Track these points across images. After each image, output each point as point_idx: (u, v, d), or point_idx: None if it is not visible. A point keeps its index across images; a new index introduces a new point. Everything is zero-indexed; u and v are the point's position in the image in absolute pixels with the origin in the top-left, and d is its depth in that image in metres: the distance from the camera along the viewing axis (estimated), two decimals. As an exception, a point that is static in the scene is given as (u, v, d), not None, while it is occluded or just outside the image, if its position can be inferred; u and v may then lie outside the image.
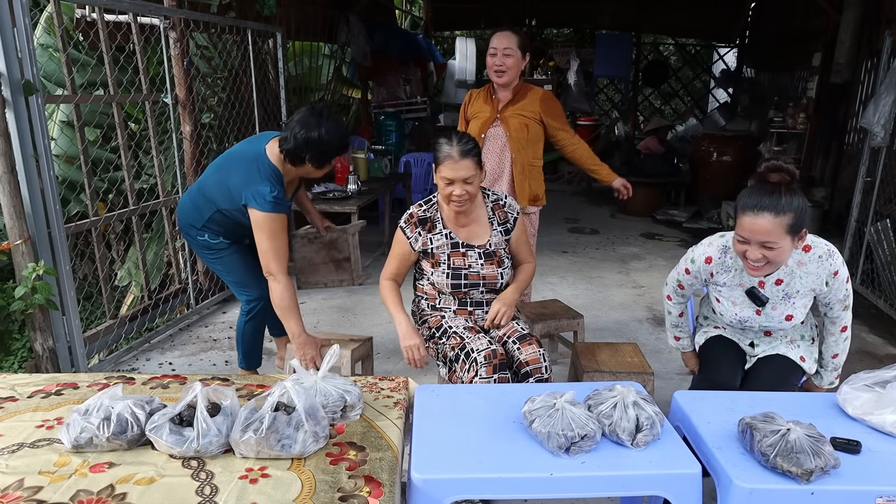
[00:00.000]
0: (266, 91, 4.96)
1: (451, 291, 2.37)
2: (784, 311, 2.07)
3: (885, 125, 4.34)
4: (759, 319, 2.10)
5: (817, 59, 6.43)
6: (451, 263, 2.35)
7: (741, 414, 1.66)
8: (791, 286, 2.04)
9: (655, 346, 3.66)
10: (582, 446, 1.55)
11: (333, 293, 4.53)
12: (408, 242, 2.39)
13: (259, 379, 2.02)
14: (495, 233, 2.40)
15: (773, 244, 1.84)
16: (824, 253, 2.00)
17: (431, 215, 2.39)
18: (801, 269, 2.01)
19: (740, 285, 2.09)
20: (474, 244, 2.38)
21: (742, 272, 2.05)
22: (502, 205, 2.44)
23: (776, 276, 2.03)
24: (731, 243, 2.03)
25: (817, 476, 1.45)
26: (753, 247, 1.87)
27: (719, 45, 10.88)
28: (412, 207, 2.43)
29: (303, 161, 2.55)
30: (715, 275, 2.12)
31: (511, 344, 2.32)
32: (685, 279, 2.22)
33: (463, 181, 2.22)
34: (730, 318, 2.15)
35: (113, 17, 3.48)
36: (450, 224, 2.38)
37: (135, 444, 1.59)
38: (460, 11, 10.45)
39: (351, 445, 1.61)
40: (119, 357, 3.43)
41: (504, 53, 3.00)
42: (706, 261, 2.11)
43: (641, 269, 5.24)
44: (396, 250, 2.44)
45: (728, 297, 2.12)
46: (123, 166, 3.53)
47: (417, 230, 2.38)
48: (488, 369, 2.13)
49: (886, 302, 4.22)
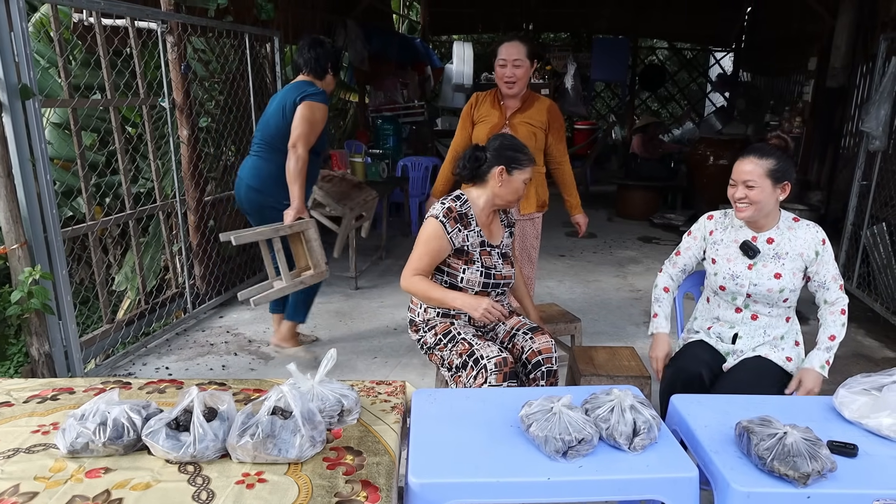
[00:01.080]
0: (264, 95, 4.96)
1: (478, 290, 2.35)
2: (773, 269, 2.19)
3: (883, 130, 4.36)
4: (750, 276, 2.21)
5: (813, 63, 6.47)
6: (483, 262, 2.35)
7: (738, 417, 1.66)
8: (781, 246, 2.20)
9: (653, 350, 3.66)
10: (579, 450, 1.54)
11: (330, 297, 4.53)
12: (447, 237, 2.28)
13: (256, 383, 2.01)
14: (505, 234, 2.50)
15: (753, 183, 2.11)
16: (812, 224, 2.24)
17: (466, 211, 2.36)
18: (791, 233, 2.21)
19: (735, 241, 2.26)
20: (494, 244, 2.42)
21: (738, 229, 2.27)
22: (506, 210, 2.55)
23: (768, 234, 2.22)
24: (730, 211, 2.29)
25: (814, 479, 1.46)
26: (739, 187, 2.15)
27: (716, 49, 10.93)
28: (446, 201, 2.34)
29: (325, 72, 3.23)
30: (714, 231, 2.33)
31: (522, 335, 2.35)
32: (684, 243, 2.41)
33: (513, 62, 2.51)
34: (723, 274, 2.26)
35: (110, 21, 3.48)
36: (481, 223, 2.39)
37: (131, 449, 1.59)
38: (458, 16, 10.49)
39: (348, 450, 1.61)
40: (116, 362, 3.42)
41: (514, 64, 2.98)
42: (708, 218, 2.37)
43: (638, 272, 5.24)
44: (433, 245, 2.28)
45: (724, 254, 2.28)
46: (120, 170, 3.53)
47: (458, 226, 2.31)
48: (499, 377, 2.13)
49: (883, 305, 4.23)
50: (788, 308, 2.27)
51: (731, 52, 10.47)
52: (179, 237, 3.96)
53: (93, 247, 3.35)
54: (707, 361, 2.23)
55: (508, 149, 2.32)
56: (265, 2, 4.81)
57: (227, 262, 4.49)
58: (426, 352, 2.43)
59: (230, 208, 4.52)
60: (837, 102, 6.07)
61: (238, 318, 4.14)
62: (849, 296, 2.17)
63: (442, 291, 2.29)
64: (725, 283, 2.26)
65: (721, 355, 2.29)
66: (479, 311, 2.21)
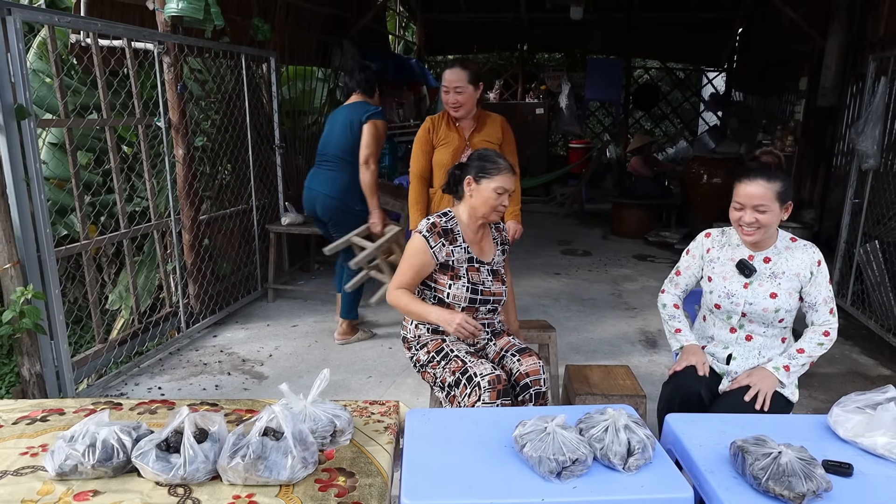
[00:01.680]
0: (260, 114, 4.99)
1: (465, 306, 2.34)
2: (769, 288, 2.19)
3: (877, 149, 4.40)
4: (746, 294, 2.21)
5: (804, 83, 6.54)
6: (470, 278, 2.35)
7: (733, 437, 1.66)
8: (778, 266, 2.20)
9: (648, 369, 3.65)
10: (573, 471, 1.53)
11: (325, 316, 4.51)
12: (431, 252, 2.32)
13: (248, 404, 2.00)
14: (497, 252, 2.50)
15: (765, 207, 2.09)
16: (808, 244, 2.23)
17: (452, 227, 2.39)
18: (788, 253, 2.21)
19: (731, 259, 2.26)
20: (484, 261, 2.42)
21: (735, 248, 2.27)
22: (501, 228, 2.58)
23: (765, 253, 2.22)
24: (724, 227, 2.32)
25: (809, 500, 1.45)
26: (748, 211, 2.12)
27: (708, 69, 11.05)
28: (431, 217, 2.40)
29: (374, 91, 3.82)
30: (711, 249, 2.33)
31: (510, 357, 2.33)
32: (683, 262, 2.40)
33: (509, 193, 2.34)
34: (718, 292, 2.25)
35: (107, 41, 3.51)
36: (468, 239, 2.40)
37: (120, 471, 1.57)
38: (453, 36, 10.60)
39: (340, 471, 1.59)
40: (108, 382, 3.39)
41: (456, 91, 3.05)
42: (706, 235, 2.37)
43: (634, 290, 5.25)
44: (416, 260, 2.33)
45: (720, 272, 2.27)
46: (115, 189, 3.53)
47: (441, 240, 2.34)
48: (492, 394, 2.12)
49: (877, 323, 4.23)
50: (784, 329, 2.25)
51: (724, 71, 10.59)
52: (174, 256, 3.95)
53: (86, 266, 3.34)
54: (706, 381, 2.21)
55: (477, 159, 2.37)
56: (261, 23, 4.87)
57: (221, 281, 4.48)
58: (419, 370, 2.42)
59: (224, 227, 4.52)
60: (828, 121, 6.12)
61: (232, 338, 4.12)
62: (843, 313, 2.17)
63: (420, 305, 2.32)
64: (721, 301, 2.25)
65: (717, 374, 2.28)
66: (452, 326, 2.23)
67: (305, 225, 4.74)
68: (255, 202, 4.82)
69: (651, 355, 3.88)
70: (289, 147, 5.64)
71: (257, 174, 4.87)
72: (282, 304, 4.79)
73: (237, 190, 4.70)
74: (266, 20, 4.97)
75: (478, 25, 10.30)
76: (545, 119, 9.74)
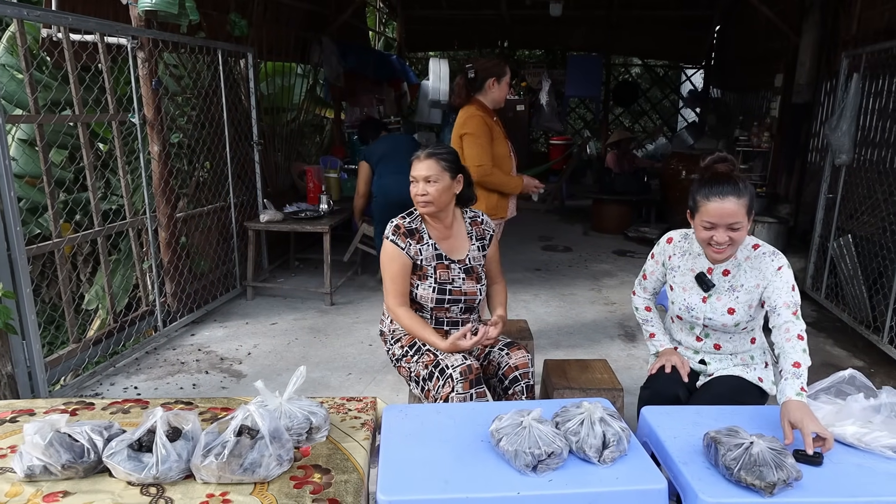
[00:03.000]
0: (238, 111, 4.94)
1: (433, 307, 2.34)
2: (727, 303, 2.12)
3: (849, 145, 4.47)
4: (705, 309, 2.16)
5: (779, 80, 6.62)
6: (438, 277, 2.34)
7: (707, 428, 1.68)
8: (737, 279, 2.12)
9: (627, 363, 3.68)
10: (549, 464, 1.54)
11: (305, 313, 4.49)
12: (403, 252, 2.31)
13: (224, 402, 1.98)
14: (473, 247, 2.44)
15: (738, 224, 1.98)
16: (770, 251, 2.11)
17: (417, 226, 2.37)
18: (748, 263, 2.12)
19: (691, 270, 2.20)
20: (455, 258, 2.38)
21: (696, 258, 2.19)
22: (479, 221, 2.50)
23: (724, 266, 2.14)
24: (691, 234, 2.21)
25: (780, 489, 1.47)
26: (720, 230, 2.00)
27: (687, 66, 11.16)
28: (395, 220, 2.39)
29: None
30: (672, 257, 2.25)
31: (497, 351, 2.33)
32: (648, 266, 2.35)
33: (423, 179, 2.28)
34: (679, 305, 2.22)
35: (79, 36, 3.44)
36: (434, 236, 2.38)
37: (91, 471, 1.55)
38: (434, 33, 10.58)
39: (316, 468, 1.59)
40: (82, 382, 3.34)
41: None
42: (668, 241, 2.28)
43: (613, 285, 5.29)
44: (395, 267, 2.31)
45: (680, 283, 2.22)
46: (89, 187, 3.48)
47: (408, 241, 2.33)
48: (464, 384, 2.11)
49: (850, 315, 4.31)
50: (750, 332, 2.22)
51: (702, 68, 10.69)
52: (150, 254, 3.90)
53: (59, 265, 3.29)
54: (681, 381, 2.19)
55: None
56: (239, 19, 4.81)
57: (199, 279, 4.43)
58: (395, 364, 2.42)
59: (202, 225, 4.47)
60: (803, 118, 6.21)
61: (210, 336, 4.08)
62: (817, 306, 2.16)
63: (419, 326, 2.28)
64: (682, 313, 2.22)
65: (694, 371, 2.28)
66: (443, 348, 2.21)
67: (284, 223, 4.70)
68: (233, 199, 4.77)
69: (630, 349, 3.91)
70: (268, 144, 5.59)
71: (235, 171, 4.82)
72: (261, 302, 4.75)
73: (215, 187, 4.65)
74: (243, 16, 4.91)
75: (459, 22, 10.29)
76: (526, 116, 9.76)
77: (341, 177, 5.75)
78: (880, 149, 4.46)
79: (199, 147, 4.47)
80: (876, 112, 4.54)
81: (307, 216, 4.81)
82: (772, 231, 5.18)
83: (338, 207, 5.13)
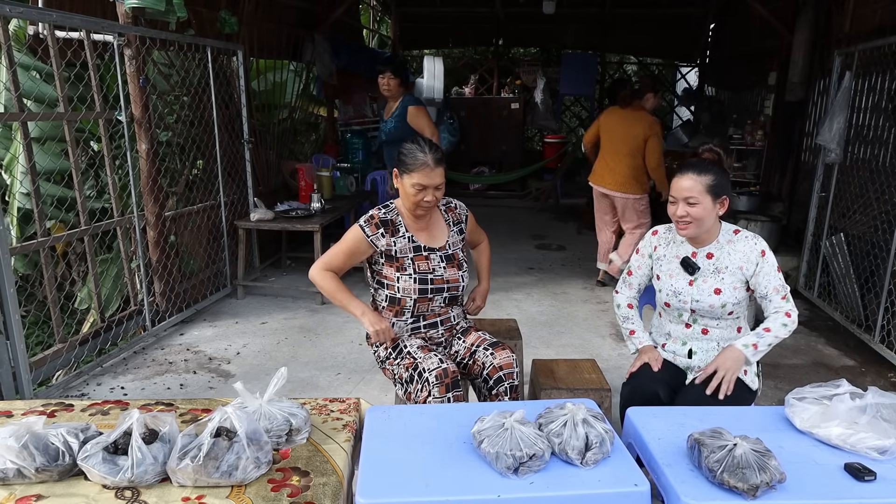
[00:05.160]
0: (229, 109, 4.90)
1: (417, 298, 2.30)
2: (713, 284, 2.20)
3: (838, 143, 4.46)
4: (692, 291, 2.22)
5: (773, 78, 6.61)
6: (417, 268, 2.31)
7: (692, 429, 1.66)
8: (721, 261, 2.21)
9: (617, 362, 3.67)
10: (531, 466, 1.52)
11: (296, 313, 4.46)
12: (366, 240, 2.29)
13: (205, 403, 1.95)
14: (452, 233, 2.43)
15: (694, 200, 2.11)
16: (750, 235, 2.22)
17: (392, 218, 2.35)
18: (730, 247, 2.22)
19: (676, 257, 2.28)
20: (435, 247, 2.36)
21: (680, 245, 2.29)
22: (454, 207, 2.51)
23: (707, 249, 2.23)
24: (670, 224, 2.31)
25: (763, 491, 1.45)
26: (680, 204, 2.14)
27: (681, 64, 11.14)
28: (371, 211, 2.37)
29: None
30: (658, 247, 2.34)
31: (482, 351, 2.31)
32: (634, 261, 2.41)
33: (434, 188, 2.24)
34: (667, 291, 2.28)
35: (64, 33, 3.41)
36: (411, 228, 2.35)
37: (66, 474, 1.52)
38: (428, 31, 10.54)
39: (295, 471, 1.56)
40: (68, 382, 3.31)
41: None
42: (653, 233, 2.38)
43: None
44: (347, 245, 2.31)
45: (666, 270, 2.30)
46: (75, 185, 3.45)
47: (379, 231, 2.31)
48: (440, 389, 2.10)
49: (842, 314, 4.30)
50: (736, 319, 2.27)
51: (696, 67, 10.68)
52: (138, 253, 3.87)
53: (44, 264, 3.25)
54: (664, 379, 2.20)
55: (403, 149, 2.29)
56: (229, 16, 4.78)
57: (188, 278, 4.40)
58: (381, 366, 2.40)
59: (192, 224, 4.44)
60: (797, 116, 6.21)
61: (199, 336, 4.05)
62: (809, 305, 2.18)
63: (345, 295, 2.29)
64: (669, 299, 2.28)
65: (679, 370, 2.28)
66: (371, 328, 2.24)
67: (275, 221, 4.68)
68: (223, 198, 4.74)
69: (620, 348, 3.89)
70: (259, 142, 5.56)
71: (225, 169, 4.79)
72: (251, 301, 4.73)
73: (204, 186, 4.62)
74: (234, 13, 4.88)
75: (453, 20, 10.24)
76: (520, 114, 9.74)
77: (333, 175, 5.72)
78: (872, 147, 4.45)
79: (187, 145, 4.44)
80: (868, 110, 4.53)
81: (298, 215, 4.78)
82: (765, 229, 5.17)
83: (329, 206, 5.10)
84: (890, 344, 3.70)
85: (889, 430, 1.66)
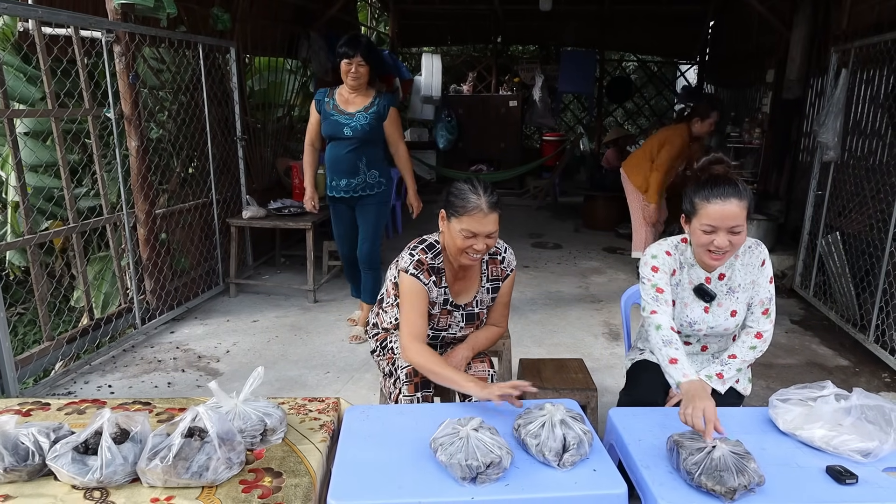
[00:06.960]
0: (224, 106, 4.88)
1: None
2: (729, 306, 2.06)
3: (836, 141, 4.42)
4: (707, 319, 2.06)
5: (771, 75, 6.56)
6: (437, 323, 2.15)
7: (674, 431, 1.64)
8: (733, 279, 2.06)
9: (609, 362, 3.64)
10: (489, 475, 1.47)
11: (288, 311, 4.44)
12: (424, 288, 2.05)
13: (183, 402, 1.94)
14: (482, 290, 2.19)
15: (739, 228, 1.89)
16: (753, 243, 2.07)
17: (439, 266, 2.10)
18: (738, 261, 2.06)
19: (690, 283, 2.08)
20: (461, 303, 2.17)
21: (691, 268, 2.07)
22: (499, 260, 2.20)
23: (720, 270, 2.06)
24: (676, 243, 2.09)
25: (741, 494, 1.43)
26: (721, 234, 1.89)
27: (680, 61, 11.09)
28: (416, 253, 2.08)
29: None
30: (676, 271, 2.08)
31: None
32: (660, 279, 2.03)
33: (486, 236, 1.99)
34: (681, 321, 2.08)
35: (51, 30, 3.38)
36: (448, 278, 2.14)
37: (36, 474, 1.51)
38: (426, 28, 10.50)
39: (268, 471, 1.54)
40: (55, 381, 3.29)
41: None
42: (667, 253, 2.08)
43: (601, 283, 5.24)
44: (419, 303, 2.03)
45: (681, 298, 2.08)
46: (63, 182, 3.42)
47: (432, 279, 2.08)
48: (409, 387, 2.08)
49: (838, 313, 4.27)
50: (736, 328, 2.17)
51: (696, 64, 10.63)
52: (128, 251, 3.85)
53: (31, 261, 3.23)
54: (661, 384, 2.11)
55: (454, 188, 2.02)
56: (221, 12, 4.75)
57: (179, 276, 4.38)
58: (374, 359, 2.40)
59: (183, 221, 4.42)
60: (794, 114, 6.16)
61: (189, 334, 4.03)
62: (805, 304, 2.12)
63: (451, 372, 1.94)
64: (682, 328, 2.10)
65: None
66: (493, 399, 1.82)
67: (267, 219, 4.65)
68: (215, 195, 4.71)
69: (613, 348, 3.87)
70: (255, 139, 5.53)
71: (218, 167, 4.77)
72: (244, 300, 4.71)
73: (196, 183, 4.60)
74: (227, 9, 4.86)
75: (451, 17, 10.20)
76: (519, 112, 9.71)
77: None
78: (868, 145, 4.41)
79: (179, 143, 4.41)
80: (864, 108, 4.50)
81: (291, 213, 4.75)
82: (762, 228, 5.13)
83: (323, 204, 5.06)
84: (884, 344, 3.67)
85: (873, 432, 1.63)
